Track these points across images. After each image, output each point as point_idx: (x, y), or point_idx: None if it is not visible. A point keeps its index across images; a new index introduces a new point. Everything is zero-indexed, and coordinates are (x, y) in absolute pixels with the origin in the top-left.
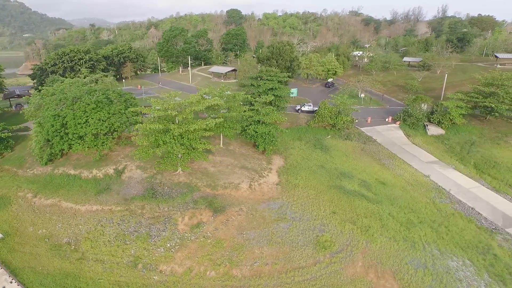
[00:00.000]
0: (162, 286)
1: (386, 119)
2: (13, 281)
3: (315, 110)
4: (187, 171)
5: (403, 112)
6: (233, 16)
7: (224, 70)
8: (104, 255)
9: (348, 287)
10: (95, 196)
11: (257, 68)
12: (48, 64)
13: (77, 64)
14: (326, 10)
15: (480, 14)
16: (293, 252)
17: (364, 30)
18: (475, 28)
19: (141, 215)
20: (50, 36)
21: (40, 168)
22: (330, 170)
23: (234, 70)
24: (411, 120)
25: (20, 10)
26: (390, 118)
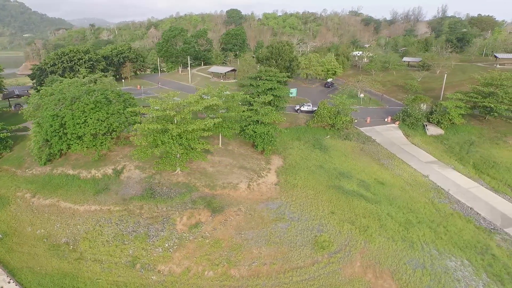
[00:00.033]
0: (160, 286)
1: (385, 119)
2: (11, 281)
3: (314, 110)
4: (185, 171)
5: (402, 112)
6: (233, 16)
7: (224, 70)
8: (103, 255)
9: (346, 287)
10: (94, 196)
11: (257, 68)
12: (47, 64)
13: (76, 64)
14: (326, 10)
15: (479, 14)
16: (291, 252)
17: (364, 30)
18: (475, 28)
19: (140, 215)
20: (50, 36)
21: (38, 168)
22: (329, 170)
23: (233, 70)
24: (410, 120)
25: (20, 10)
26: (389, 118)
